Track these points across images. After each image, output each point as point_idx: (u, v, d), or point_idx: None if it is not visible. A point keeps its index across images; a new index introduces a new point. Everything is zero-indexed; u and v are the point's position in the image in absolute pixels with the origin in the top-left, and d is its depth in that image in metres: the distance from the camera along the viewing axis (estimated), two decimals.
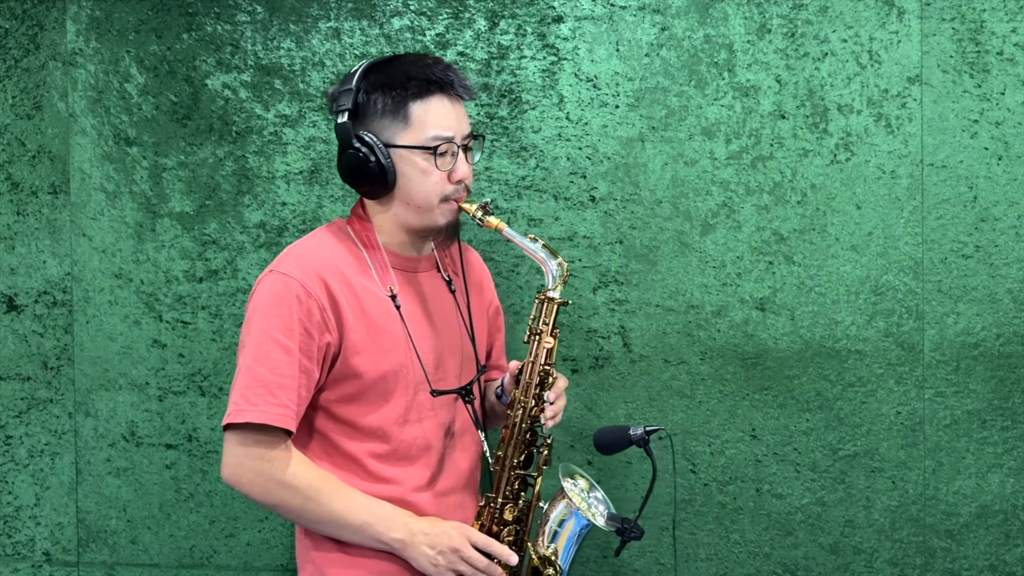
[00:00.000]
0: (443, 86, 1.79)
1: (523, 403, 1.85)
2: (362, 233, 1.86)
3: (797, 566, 2.30)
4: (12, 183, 2.51)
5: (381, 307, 1.81)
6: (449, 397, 1.88)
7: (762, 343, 2.28)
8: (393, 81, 1.78)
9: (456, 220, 1.85)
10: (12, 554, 2.55)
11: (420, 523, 1.78)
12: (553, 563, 1.84)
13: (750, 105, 2.27)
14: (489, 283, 2.11)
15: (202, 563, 2.47)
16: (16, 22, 2.49)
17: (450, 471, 1.88)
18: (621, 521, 1.82)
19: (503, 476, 1.85)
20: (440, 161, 1.79)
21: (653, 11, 2.28)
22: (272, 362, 1.72)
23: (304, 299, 1.73)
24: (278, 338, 1.72)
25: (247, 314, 1.78)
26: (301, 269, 1.76)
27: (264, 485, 1.73)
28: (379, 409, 1.80)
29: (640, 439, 1.82)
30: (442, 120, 1.79)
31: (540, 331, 1.87)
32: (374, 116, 1.79)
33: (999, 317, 2.22)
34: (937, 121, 2.22)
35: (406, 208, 1.82)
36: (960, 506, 2.25)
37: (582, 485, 1.88)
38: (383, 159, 1.78)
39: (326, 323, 1.75)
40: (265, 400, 1.71)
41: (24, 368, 2.52)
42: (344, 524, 1.76)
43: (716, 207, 2.28)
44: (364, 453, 1.80)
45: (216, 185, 2.43)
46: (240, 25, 2.40)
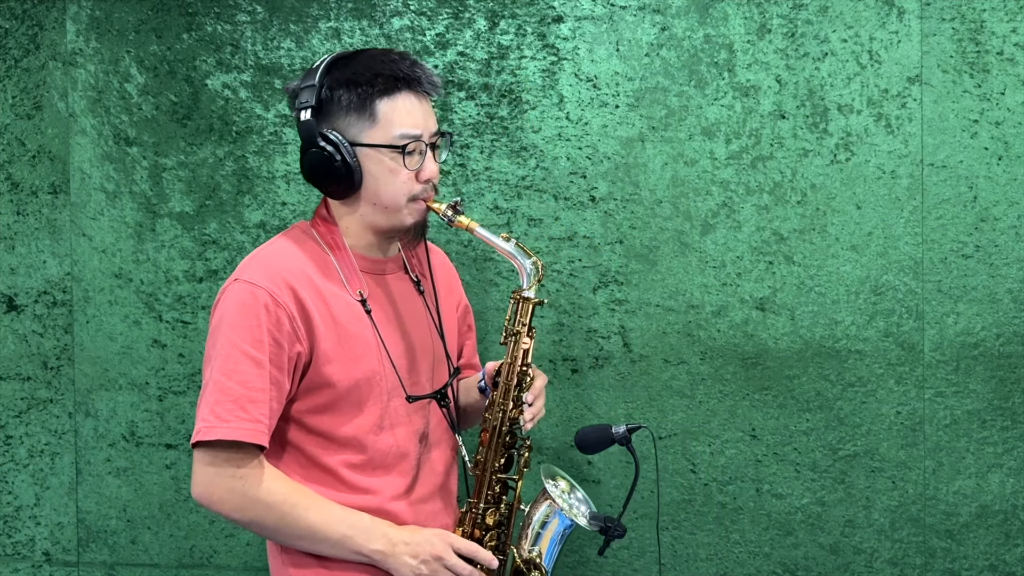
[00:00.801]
0: (410, 83, 1.73)
1: (502, 406, 1.80)
2: (327, 236, 1.79)
3: (797, 566, 2.30)
4: (12, 183, 2.51)
5: (351, 313, 1.76)
6: (423, 403, 1.84)
7: (762, 343, 2.28)
8: (359, 77, 1.72)
9: (424, 220, 1.79)
10: (12, 554, 2.55)
11: (400, 532, 1.73)
12: (538, 565, 1.82)
13: (750, 105, 2.27)
14: (457, 282, 2.06)
15: (202, 563, 2.47)
16: (16, 22, 2.49)
17: (427, 477, 1.84)
18: (604, 520, 1.80)
19: (484, 480, 1.81)
20: (408, 160, 1.73)
21: (653, 11, 2.28)
22: (242, 375, 1.65)
23: (272, 308, 1.67)
24: (247, 350, 1.66)
25: (212, 324, 1.72)
26: (268, 277, 1.69)
27: (238, 503, 1.67)
28: (353, 419, 1.75)
29: (622, 437, 1.80)
30: (409, 118, 1.72)
31: (517, 331, 1.81)
32: (339, 113, 1.73)
33: (999, 317, 2.22)
34: (937, 121, 2.22)
35: (373, 208, 1.76)
36: (960, 506, 2.25)
37: (563, 486, 1.85)
38: (349, 158, 1.71)
39: (296, 332, 1.69)
40: (236, 416, 1.65)
41: (24, 368, 2.52)
42: (322, 538, 1.70)
43: (716, 207, 2.28)
44: (339, 464, 1.75)
45: (216, 185, 2.43)
46: (240, 25, 2.40)
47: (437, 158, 1.80)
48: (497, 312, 2.33)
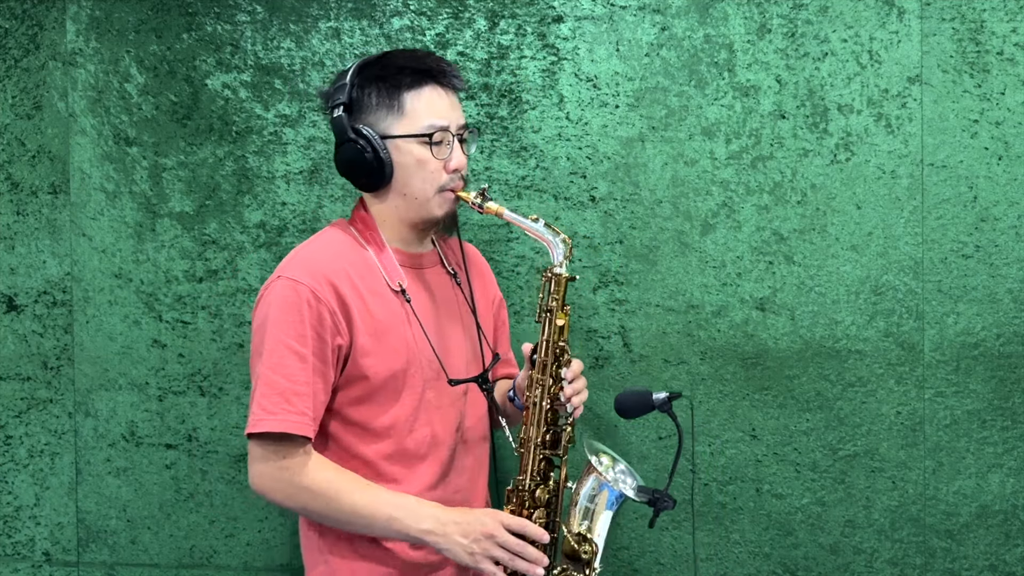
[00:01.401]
0: (436, 76, 1.81)
1: (541, 382, 1.83)
2: (366, 232, 1.87)
3: (797, 566, 2.30)
4: (12, 183, 2.51)
5: (389, 307, 1.82)
6: (457, 393, 1.88)
7: (762, 343, 2.28)
8: (386, 73, 1.80)
9: (453, 211, 1.85)
10: (12, 554, 2.55)
11: (450, 513, 1.77)
12: (588, 540, 1.82)
13: (750, 105, 2.27)
14: (491, 276, 2.12)
15: (202, 563, 2.47)
16: (16, 22, 2.49)
17: (459, 469, 1.89)
18: (652, 492, 1.80)
19: (529, 457, 1.83)
20: (436, 150, 1.80)
21: (653, 11, 2.28)
22: (287, 370, 1.73)
23: (314, 304, 1.74)
24: (292, 345, 1.73)
25: (257, 321, 1.79)
26: (310, 274, 1.76)
27: (287, 491, 1.75)
28: (389, 409, 1.81)
29: (663, 404, 1.80)
30: (436, 109, 1.81)
31: (551, 308, 1.85)
32: (369, 109, 1.81)
33: (999, 317, 2.22)
34: (937, 121, 2.22)
35: (403, 200, 1.83)
36: (960, 506, 2.25)
37: (606, 461, 1.86)
38: (380, 150, 1.79)
39: (337, 326, 1.76)
40: (282, 408, 1.72)
41: (24, 368, 2.52)
42: (370, 521, 1.76)
43: (716, 207, 2.28)
44: (375, 454, 1.81)
45: (216, 185, 2.43)
46: (240, 25, 2.40)
47: (465, 151, 1.86)
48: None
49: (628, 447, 2.32)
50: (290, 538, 2.44)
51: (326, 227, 1.92)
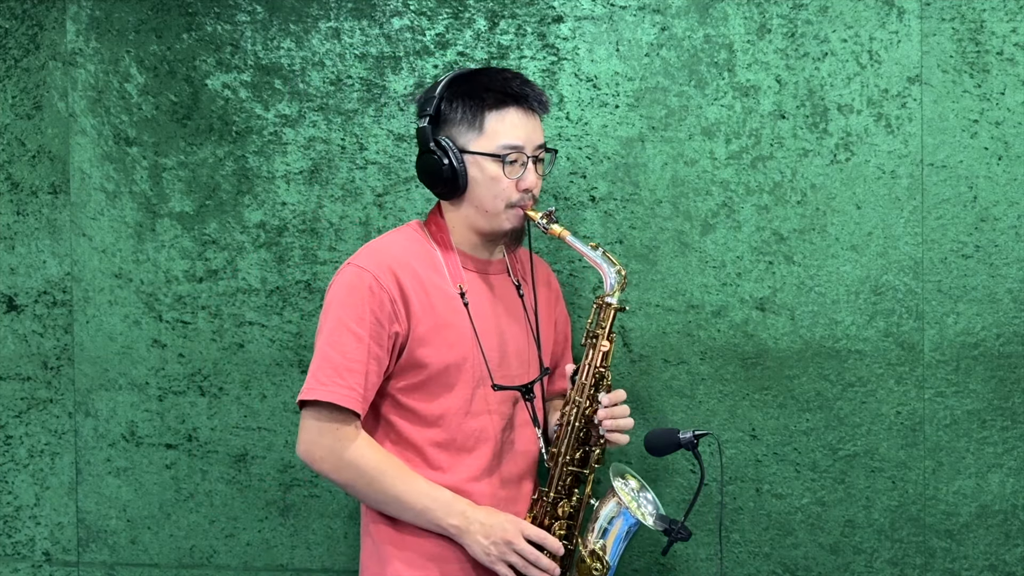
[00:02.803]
0: (518, 99, 1.91)
1: (577, 402, 1.92)
2: (437, 234, 1.97)
3: (797, 566, 2.30)
4: (12, 183, 2.51)
5: (449, 304, 1.91)
6: (511, 395, 1.97)
7: (762, 343, 2.28)
8: (473, 91, 1.91)
9: (521, 226, 1.95)
10: (12, 554, 2.55)
11: (477, 512, 1.87)
12: (601, 558, 1.90)
13: (750, 105, 2.27)
14: (558, 292, 2.19)
15: (202, 563, 2.47)
16: (16, 22, 2.49)
17: (506, 465, 1.96)
18: (669, 522, 1.87)
19: (556, 472, 1.93)
20: (508, 169, 1.90)
21: (653, 11, 2.28)
22: (343, 347, 1.83)
23: (376, 291, 1.85)
24: (350, 326, 1.84)
25: (325, 302, 1.90)
26: (375, 263, 1.88)
27: (335, 463, 1.85)
28: (441, 398, 1.90)
29: (688, 443, 1.89)
30: (514, 131, 1.90)
31: (596, 334, 1.94)
32: (452, 123, 1.91)
33: (999, 317, 2.22)
34: (937, 121, 2.22)
35: (475, 211, 1.93)
36: (960, 506, 2.25)
37: (633, 485, 1.94)
38: (456, 163, 1.90)
39: (396, 314, 1.86)
40: (334, 381, 1.83)
41: (24, 368, 2.52)
42: (405, 507, 1.86)
43: (716, 207, 2.28)
44: (425, 441, 1.90)
45: (216, 185, 2.43)
46: (240, 25, 2.40)
47: (540, 171, 1.96)
48: None
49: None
50: (289, 538, 2.44)
51: (403, 224, 2.04)
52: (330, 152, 2.38)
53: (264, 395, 2.43)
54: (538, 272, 2.11)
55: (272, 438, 2.43)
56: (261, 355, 2.42)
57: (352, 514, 2.42)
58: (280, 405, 2.42)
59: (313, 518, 2.43)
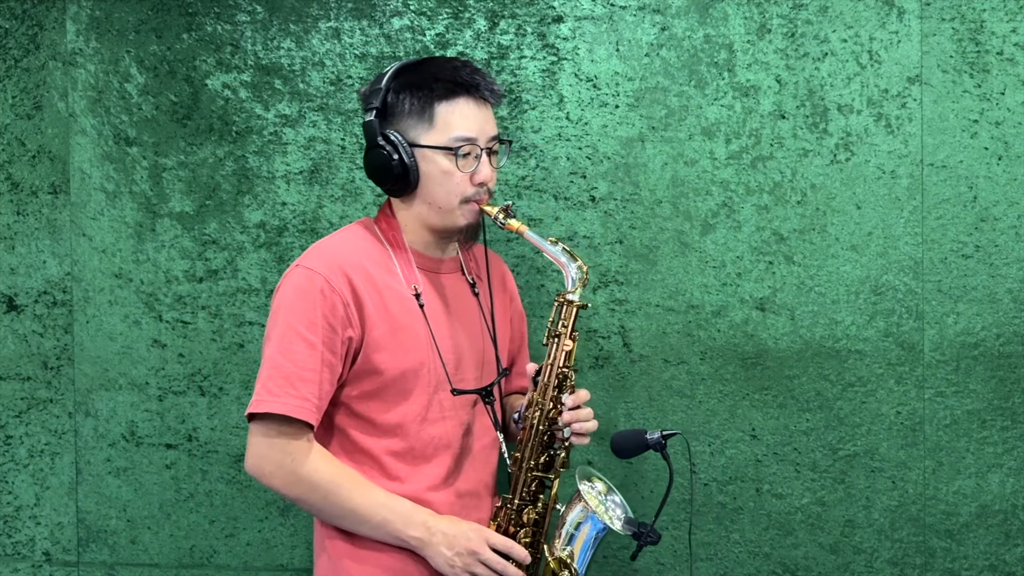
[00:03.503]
0: (469, 88, 1.81)
1: (540, 405, 1.84)
2: (388, 232, 1.89)
3: (797, 566, 2.30)
4: (12, 183, 2.51)
5: (404, 306, 1.83)
6: (469, 399, 1.89)
7: (762, 343, 2.28)
8: (421, 82, 1.81)
9: (477, 222, 1.87)
10: (12, 554, 2.55)
11: (439, 522, 1.79)
12: (569, 565, 1.84)
13: (750, 105, 2.27)
14: (513, 289, 2.13)
15: (202, 563, 2.47)
16: (16, 22, 2.49)
17: (467, 472, 1.89)
18: (638, 525, 1.81)
19: (520, 478, 1.85)
20: (462, 162, 1.81)
21: (653, 11, 2.28)
22: (295, 355, 1.74)
23: (328, 294, 1.76)
24: (302, 332, 1.75)
25: (272, 307, 1.81)
26: (326, 265, 1.78)
27: (286, 478, 1.76)
28: (398, 406, 1.82)
29: (657, 443, 1.83)
30: (465, 122, 1.81)
31: (559, 333, 1.86)
32: (401, 115, 1.82)
33: (999, 317, 2.22)
34: (937, 121, 2.22)
35: (428, 207, 1.84)
36: (960, 506, 2.25)
37: (600, 488, 1.88)
38: (406, 158, 1.80)
39: (349, 318, 1.77)
40: (286, 392, 1.73)
41: (24, 368, 2.52)
42: (363, 520, 1.78)
43: (716, 207, 2.28)
44: (382, 450, 1.82)
45: (216, 185, 2.43)
46: (240, 25, 2.40)
47: (494, 163, 1.87)
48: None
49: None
50: (289, 538, 2.44)
51: (351, 223, 1.95)
52: (330, 152, 2.38)
53: None
54: (493, 269, 2.03)
55: None
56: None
57: None
58: None
59: (313, 518, 2.43)
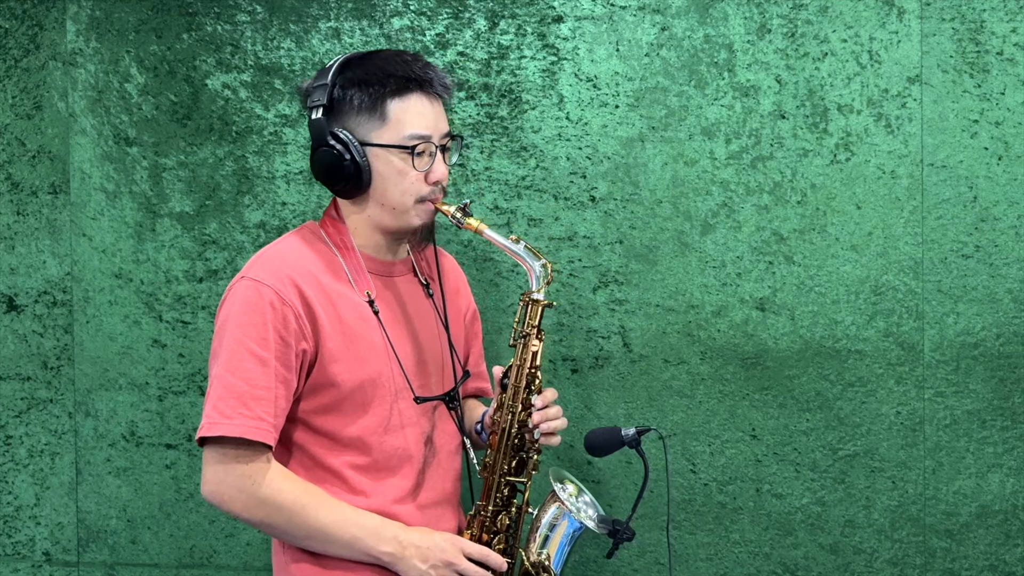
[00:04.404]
0: (422, 84, 1.74)
1: (511, 408, 1.79)
2: (336, 236, 1.80)
3: (797, 566, 2.30)
4: (12, 183, 2.51)
5: (357, 313, 1.76)
6: (429, 406, 1.83)
7: (762, 343, 2.28)
8: (371, 77, 1.73)
9: (431, 222, 1.80)
10: (12, 554, 2.55)
11: (411, 534, 1.73)
12: (547, 568, 1.81)
13: (750, 105, 2.27)
14: (465, 287, 2.06)
15: (202, 563, 2.47)
16: (16, 22, 2.49)
17: (432, 482, 1.83)
18: (612, 523, 1.79)
19: (492, 483, 1.80)
20: (417, 161, 1.73)
21: (653, 11, 2.29)
22: (246, 373, 1.65)
23: (279, 306, 1.67)
24: (252, 348, 1.65)
25: (218, 322, 1.71)
26: (274, 275, 1.70)
27: (246, 503, 1.67)
28: (358, 419, 1.75)
29: (632, 440, 1.80)
30: (420, 119, 1.73)
31: (526, 334, 1.80)
32: (350, 113, 1.73)
33: (999, 317, 2.22)
34: (937, 121, 2.22)
35: (381, 209, 1.77)
36: (960, 506, 2.25)
37: (571, 490, 1.84)
38: (358, 157, 1.72)
39: (302, 330, 1.69)
40: (239, 413, 1.64)
41: (24, 368, 2.52)
42: (332, 539, 1.70)
43: (716, 207, 2.28)
44: (344, 465, 1.75)
45: (216, 185, 2.43)
46: (240, 25, 2.40)
47: (447, 160, 1.80)
48: (498, 312, 2.33)
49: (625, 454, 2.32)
50: None
51: (294, 229, 1.86)
52: None
53: None
54: (445, 267, 1.96)
55: None
56: None
57: None
58: None
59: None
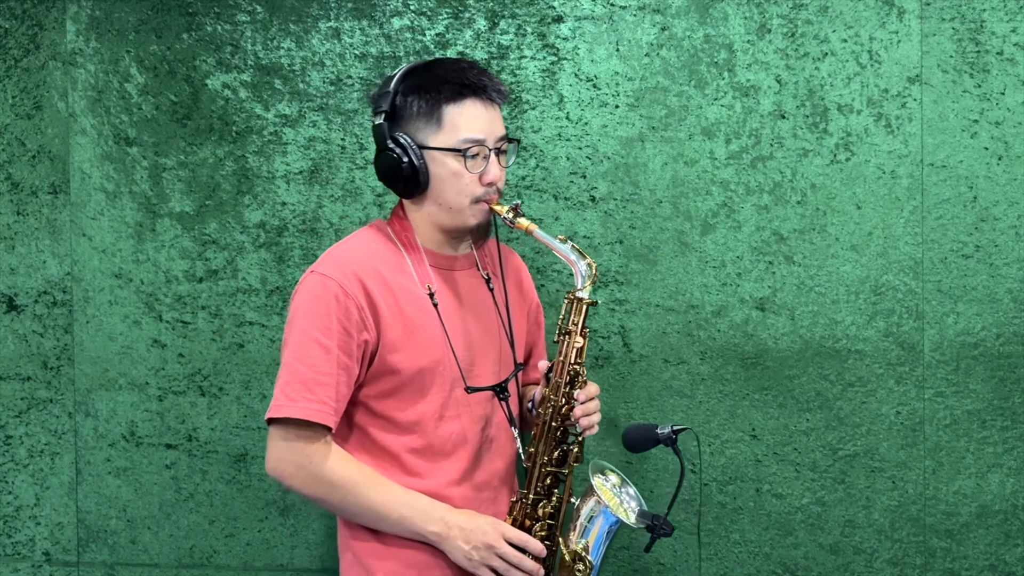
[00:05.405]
0: (476, 90, 1.84)
1: (553, 401, 1.88)
2: (401, 233, 1.92)
3: (797, 566, 2.30)
4: (12, 183, 2.51)
5: (418, 305, 1.87)
6: (486, 394, 1.93)
7: (762, 343, 2.28)
8: (428, 84, 1.84)
9: (487, 221, 1.90)
10: (12, 554, 2.55)
11: (457, 516, 1.83)
12: (583, 558, 1.87)
13: (750, 105, 2.27)
14: (529, 281, 2.15)
15: (202, 563, 2.47)
16: (16, 22, 2.49)
17: (485, 467, 1.92)
18: (651, 518, 1.85)
19: (534, 472, 1.89)
20: (470, 163, 1.84)
21: (653, 11, 2.28)
22: (311, 360, 1.78)
23: (342, 299, 1.79)
24: (317, 337, 1.79)
25: (289, 313, 1.85)
26: (339, 270, 1.82)
27: (305, 480, 1.80)
28: (416, 404, 1.86)
29: (667, 438, 1.86)
30: (474, 123, 1.84)
31: (569, 331, 1.90)
32: (409, 118, 1.85)
33: (999, 317, 2.22)
34: (937, 121, 2.22)
35: (438, 208, 1.87)
36: (960, 506, 2.25)
37: (614, 480, 1.92)
38: (416, 160, 1.84)
39: (364, 322, 1.81)
40: (303, 396, 1.78)
41: (24, 368, 2.52)
42: (382, 517, 1.82)
43: (716, 207, 2.28)
44: (400, 447, 1.86)
45: (216, 185, 2.43)
46: (240, 25, 2.40)
47: (503, 163, 1.90)
48: None
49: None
50: (289, 538, 2.44)
51: (364, 227, 1.98)
52: (330, 152, 2.38)
53: (264, 395, 2.43)
54: (507, 263, 2.06)
55: None
56: (261, 355, 2.42)
57: None
58: None
59: (313, 518, 2.43)
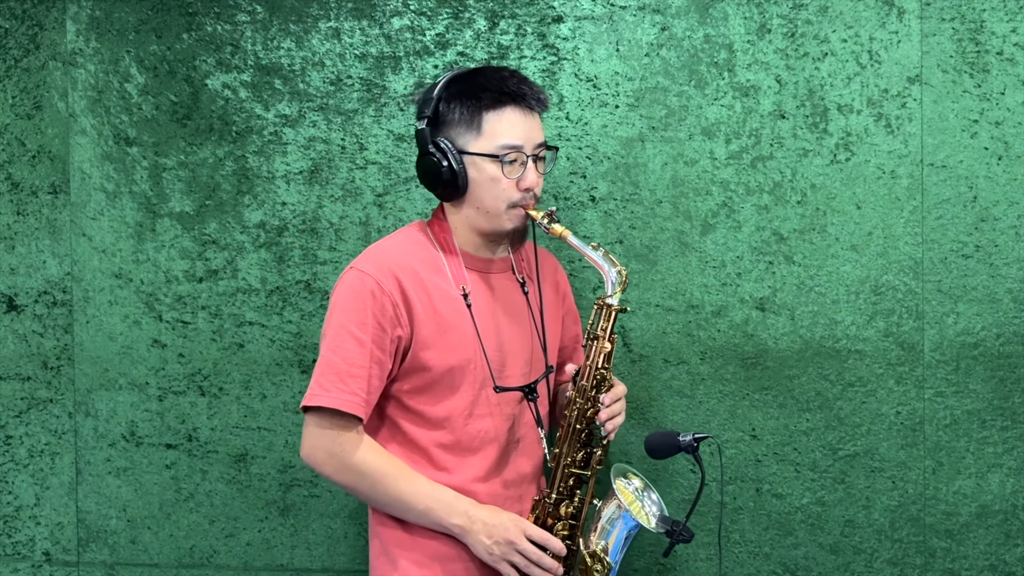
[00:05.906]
0: (516, 98, 1.90)
1: (579, 404, 1.92)
2: (440, 235, 1.97)
3: (797, 566, 2.30)
4: (12, 183, 2.51)
5: (452, 305, 1.92)
6: (515, 394, 1.97)
7: (762, 343, 2.28)
8: (470, 91, 1.90)
9: (523, 226, 1.95)
10: (12, 554, 2.55)
11: (480, 511, 1.88)
12: (602, 560, 1.90)
13: (750, 105, 2.27)
14: (565, 285, 2.18)
15: (202, 563, 2.47)
16: (16, 22, 2.49)
17: (512, 465, 1.97)
18: (671, 523, 1.87)
19: (558, 472, 1.93)
20: (508, 169, 1.89)
21: (653, 11, 2.29)
22: (346, 352, 1.85)
23: (378, 295, 1.86)
24: (353, 331, 1.85)
25: (329, 306, 1.92)
26: (377, 267, 1.88)
27: (337, 467, 1.87)
28: (445, 401, 1.91)
29: (688, 446, 1.89)
30: (512, 130, 1.89)
31: (597, 336, 1.93)
32: (451, 124, 1.91)
33: (999, 317, 2.22)
34: (937, 121, 2.22)
35: (476, 212, 1.93)
36: (960, 506, 2.25)
37: (636, 484, 1.95)
38: (455, 164, 1.89)
39: (398, 318, 1.86)
40: (336, 387, 1.84)
41: (24, 368, 2.52)
42: (408, 508, 1.88)
43: (716, 207, 2.29)
44: (430, 442, 1.91)
45: (216, 185, 2.43)
46: (240, 25, 2.40)
47: (540, 169, 1.95)
48: None
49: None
50: (289, 538, 2.44)
51: (406, 226, 2.03)
52: (330, 152, 2.38)
53: (264, 395, 2.43)
54: (544, 268, 2.10)
55: (272, 438, 2.43)
56: (261, 355, 2.43)
57: (352, 514, 2.42)
58: (280, 405, 2.42)
59: (313, 518, 2.43)
